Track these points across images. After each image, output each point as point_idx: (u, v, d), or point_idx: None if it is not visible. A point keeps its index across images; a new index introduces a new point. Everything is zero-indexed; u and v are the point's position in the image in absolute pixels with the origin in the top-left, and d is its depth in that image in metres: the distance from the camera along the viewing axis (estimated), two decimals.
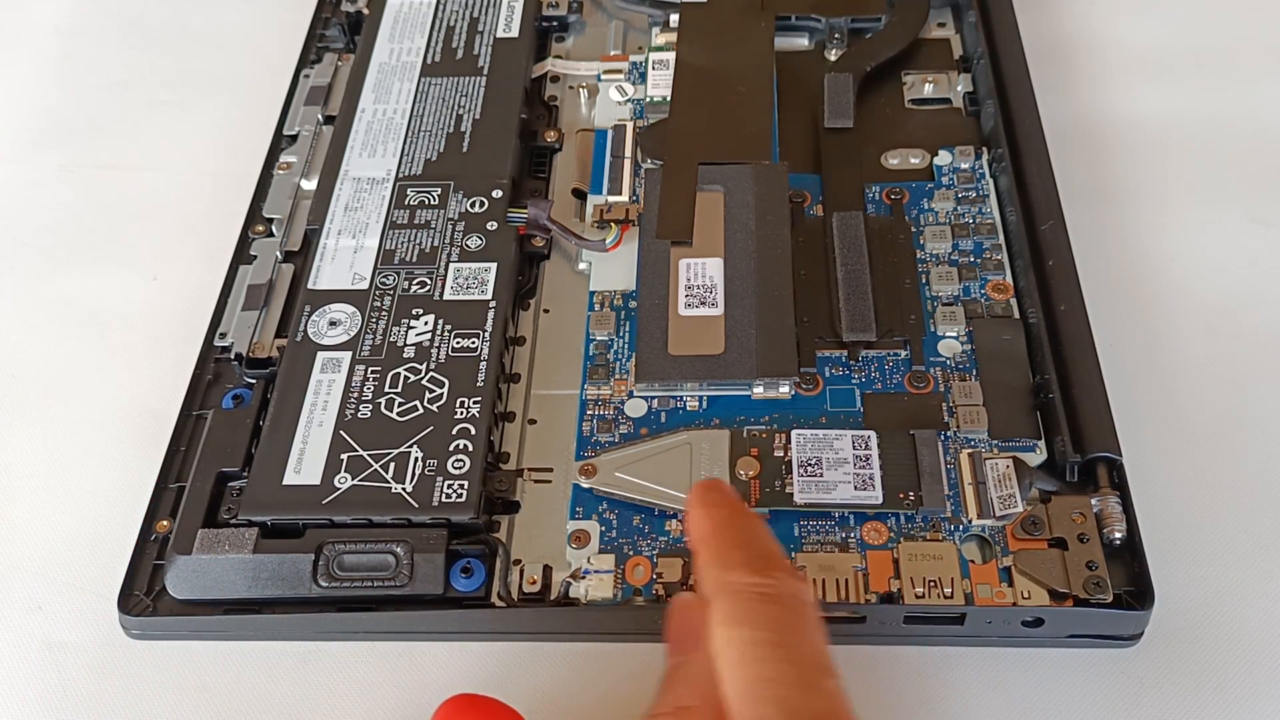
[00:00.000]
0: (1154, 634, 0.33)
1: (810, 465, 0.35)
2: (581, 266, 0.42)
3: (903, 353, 0.38)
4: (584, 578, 0.34)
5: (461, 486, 0.34)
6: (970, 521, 0.34)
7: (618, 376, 0.38)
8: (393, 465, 0.35)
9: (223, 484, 0.36)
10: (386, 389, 0.37)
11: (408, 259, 0.40)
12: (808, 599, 0.26)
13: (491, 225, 0.41)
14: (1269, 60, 0.50)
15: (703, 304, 0.39)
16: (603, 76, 0.48)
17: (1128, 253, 0.43)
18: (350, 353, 0.38)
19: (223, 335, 0.40)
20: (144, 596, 0.35)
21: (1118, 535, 0.33)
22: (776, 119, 0.44)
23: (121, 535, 0.36)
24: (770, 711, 0.24)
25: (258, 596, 0.34)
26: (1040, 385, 0.37)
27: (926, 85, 0.47)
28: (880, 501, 0.34)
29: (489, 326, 0.38)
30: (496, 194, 0.42)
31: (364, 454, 0.35)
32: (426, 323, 0.39)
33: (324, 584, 0.33)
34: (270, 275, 0.41)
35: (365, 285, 0.40)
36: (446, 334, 0.38)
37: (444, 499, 0.34)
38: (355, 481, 0.35)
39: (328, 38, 0.51)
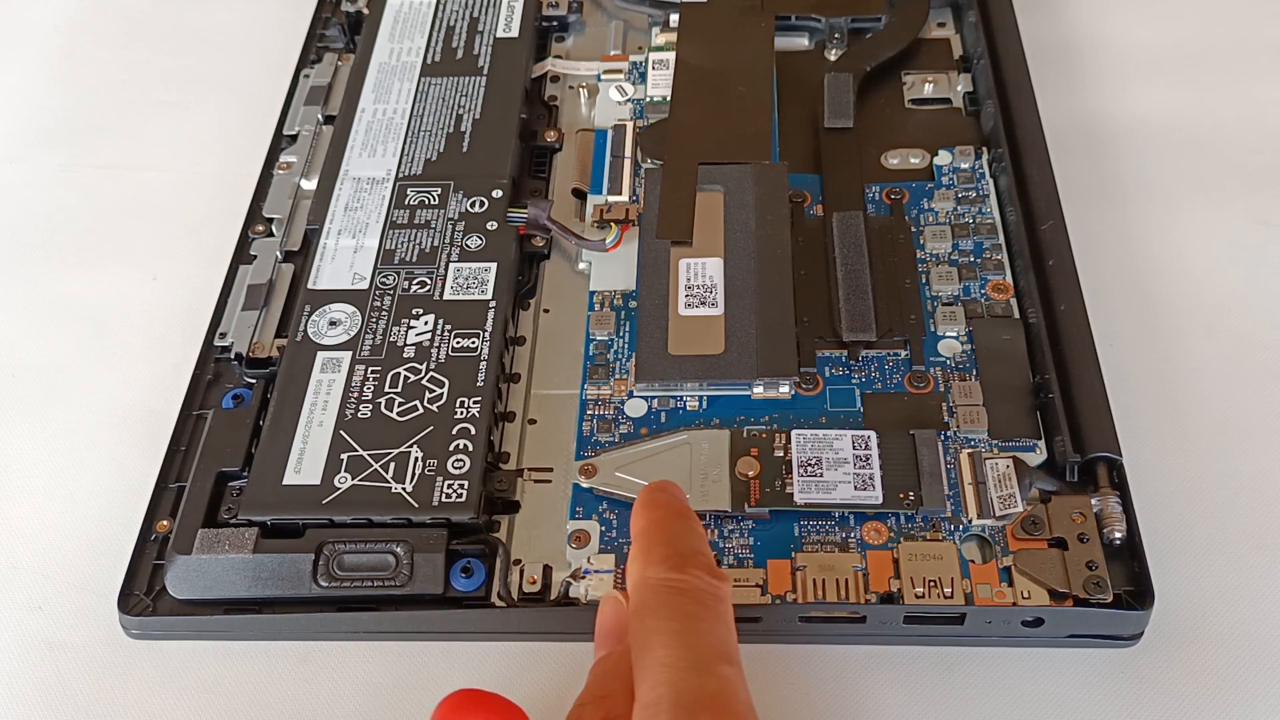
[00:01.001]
0: (1154, 634, 0.33)
1: (810, 465, 0.35)
2: (581, 266, 0.42)
3: (903, 353, 0.38)
4: (584, 578, 0.34)
5: (461, 486, 0.34)
6: (970, 521, 0.34)
7: (618, 376, 0.38)
8: (393, 465, 0.35)
9: (223, 484, 0.36)
10: (386, 389, 0.37)
11: (408, 259, 0.40)
12: (720, 595, 0.28)
13: (491, 225, 0.41)
14: (1269, 60, 0.50)
15: (703, 304, 0.39)
16: (603, 76, 0.48)
17: (1128, 253, 0.43)
18: (350, 352, 0.38)
19: (223, 335, 0.40)
20: (144, 596, 0.35)
21: (1118, 535, 0.33)
22: (776, 119, 0.44)
23: (121, 535, 0.36)
24: (663, 693, 0.25)
25: (258, 596, 0.34)
26: (1040, 385, 0.37)
27: (926, 85, 0.47)
28: (880, 501, 0.34)
29: (489, 326, 0.38)
30: (496, 194, 0.42)
31: (364, 454, 0.35)
32: (426, 323, 0.39)
33: (324, 584, 0.33)
34: (270, 275, 0.41)
35: (365, 285, 0.40)
36: (446, 334, 0.38)
37: (444, 499, 0.34)
38: (355, 481, 0.35)
39: (328, 38, 0.51)
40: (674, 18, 0.49)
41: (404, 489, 0.34)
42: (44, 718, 0.34)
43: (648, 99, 0.46)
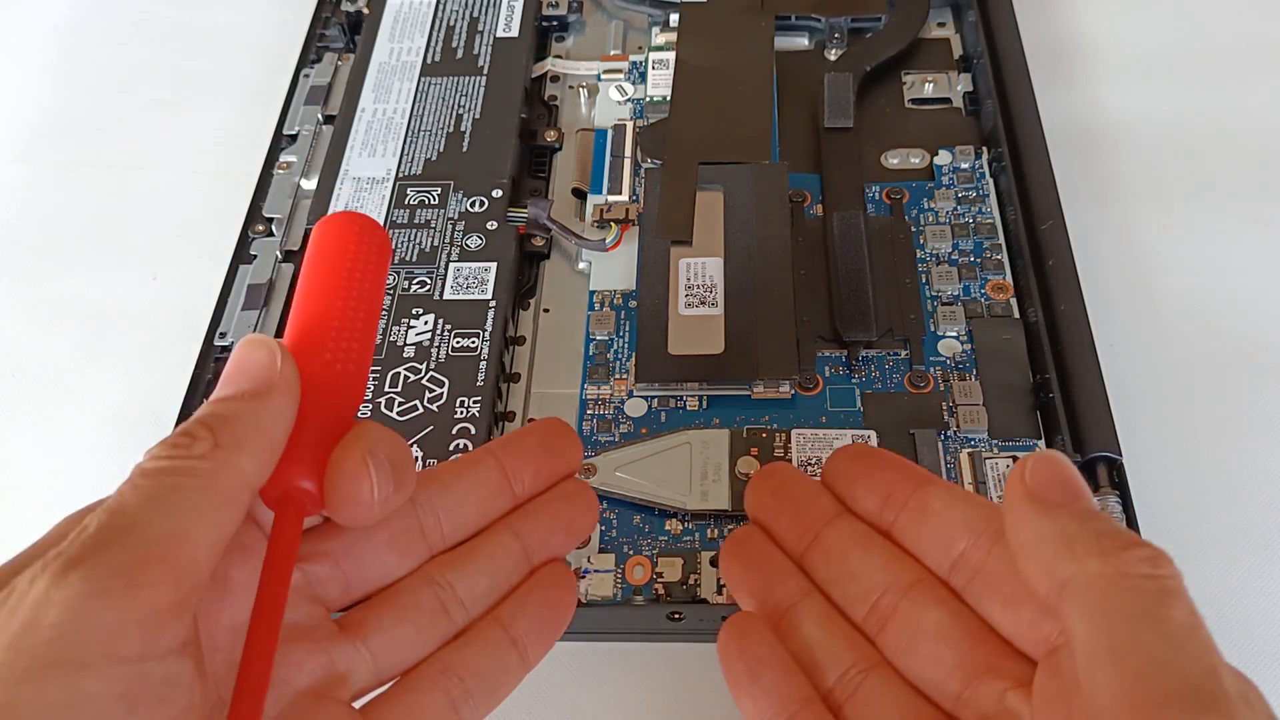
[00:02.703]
0: None
1: (810, 465, 0.35)
2: (581, 266, 0.42)
3: (903, 352, 0.38)
4: (584, 577, 0.34)
5: None
6: None
7: (618, 376, 0.38)
8: None
9: None
10: (386, 388, 0.37)
11: (408, 258, 0.40)
12: None
13: (491, 225, 0.41)
14: (1269, 60, 0.50)
15: (703, 304, 0.39)
16: (603, 76, 0.48)
17: (1128, 253, 0.43)
18: None
19: (223, 335, 0.40)
20: None
21: None
22: (776, 119, 0.44)
23: None
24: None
25: None
26: (1040, 385, 0.37)
27: (926, 85, 0.46)
28: None
29: (489, 326, 0.38)
30: (496, 194, 0.42)
31: None
32: (426, 322, 0.39)
33: None
34: (270, 275, 0.41)
35: None
36: (446, 333, 0.38)
37: None
38: None
39: (328, 38, 0.51)
40: (674, 18, 0.49)
41: None
42: None
43: (648, 99, 0.46)
